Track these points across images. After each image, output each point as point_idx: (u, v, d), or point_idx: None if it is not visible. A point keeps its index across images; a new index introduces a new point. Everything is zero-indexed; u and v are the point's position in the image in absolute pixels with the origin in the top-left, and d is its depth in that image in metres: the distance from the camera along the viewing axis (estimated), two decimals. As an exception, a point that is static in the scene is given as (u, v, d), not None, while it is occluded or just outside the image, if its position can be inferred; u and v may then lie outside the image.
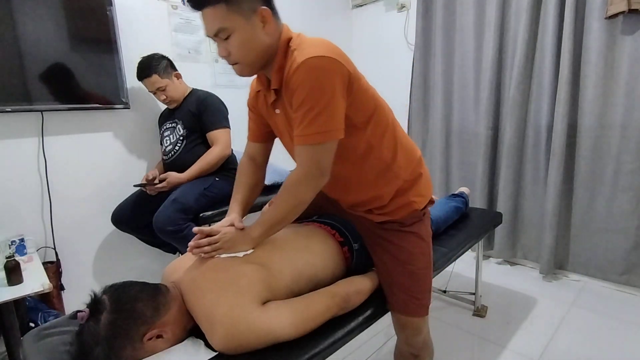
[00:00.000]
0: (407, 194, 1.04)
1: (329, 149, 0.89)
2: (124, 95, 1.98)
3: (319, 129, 0.85)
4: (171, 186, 1.85)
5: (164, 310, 0.84)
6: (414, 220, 1.06)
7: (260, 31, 0.88)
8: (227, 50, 0.88)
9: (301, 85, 0.83)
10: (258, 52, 0.89)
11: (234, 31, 0.85)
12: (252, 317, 0.82)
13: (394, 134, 1.01)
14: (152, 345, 0.81)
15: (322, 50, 0.83)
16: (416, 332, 1.09)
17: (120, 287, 0.84)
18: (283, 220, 0.97)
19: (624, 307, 1.86)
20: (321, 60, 0.82)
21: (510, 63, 2.23)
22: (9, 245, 1.59)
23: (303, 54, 0.84)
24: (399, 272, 1.05)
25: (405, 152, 1.04)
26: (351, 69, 0.88)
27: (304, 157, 0.90)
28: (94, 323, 0.78)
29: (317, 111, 0.84)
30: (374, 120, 0.95)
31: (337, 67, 0.84)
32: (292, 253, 1.01)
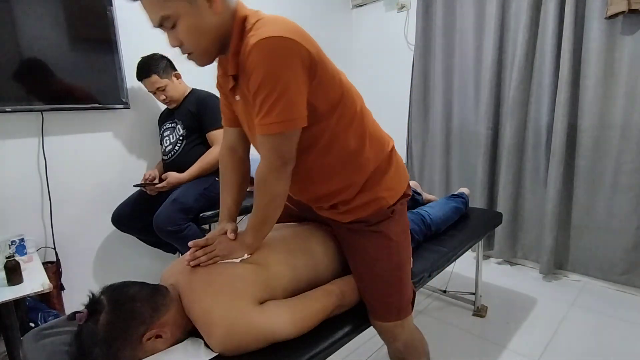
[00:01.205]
0: (375, 188, 0.97)
1: (291, 138, 0.83)
2: (124, 95, 1.98)
3: (278, 117, 0.78)
4: (171, 186, 1.85)
5: (162, 310, 0.83)
6: (380, 218, 0.98)
7: (208, 12, 0.79)
8: (178, 39, 0.81)
9: (256, 69, 0.75)
10: (210, 36, 0.81)
11: (178, 17, 0.77)
12: (250, 317, 0.82)
13: (362, 123, 0.94)
14: (151, 346, 0.81)
15: (279, 29, 0.75)
16: (392, 338, 1.03)
17: (118, 288, 0.84)
18: (266, 219, 0.93)
19: (624, 307, 1.86)
20: (278, 41, 0.74)
21: (510, 63, 2.23)
22: (9, 245, 1.58)
23: (258, 34, 0.75)
24: (367, 276, 1.00)
25: (375, 142, 0.97)
26: (313, 50, 0.79)
27: (265, 148, 0.84)
28: (93, 324, 0.77)
29: (274, 98, 0.76)
30: (340, 108, 0.88)
31: (296, 48, 0.75)
32: (290, 256, 1.00)
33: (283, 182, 0.88)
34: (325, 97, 0.85)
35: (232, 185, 1.08)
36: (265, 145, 0.84)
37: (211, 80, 2.60)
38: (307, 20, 2.85)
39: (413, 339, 1.08)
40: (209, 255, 0.92)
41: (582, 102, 1.99)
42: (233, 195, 1.08)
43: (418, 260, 1.32)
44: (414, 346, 1.08)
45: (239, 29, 0.82)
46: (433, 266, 1.33)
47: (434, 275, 1.36)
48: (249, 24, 0.82)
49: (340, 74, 0.90)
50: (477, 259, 1.88)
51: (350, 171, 0.94)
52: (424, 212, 1.55)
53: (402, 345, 1.04)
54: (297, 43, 0.75)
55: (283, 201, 0.92)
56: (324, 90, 0.84)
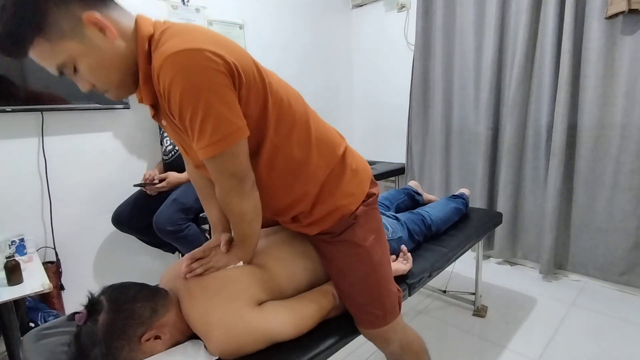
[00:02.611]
0: (332, 198, 0.91)
1: (237, 153, 0.75)
2: (124, 95, 1.98)
3: (213, 137, 0.70)
4: (171, 186, 1.85)
5: (162, 311, 0.83)
6: (344, 227, 0.93)
7: (103, 42, 0.70)
8: (87, 82, 0.73)
9: (170, 90, 0.67)
10: (118, 68, 0.73)
11: (75, 60, 0.69)
12: (248, 319, 0.82)
13: (306, 129, 0.87)
14: (150, 347, 0.81)
15: (184, 41, 0.67)
16: (385, 343, 1.00)
17: (117, 288, 0.84)
18: (247, 235, 0.90)
19: (624, 307, 1.86)
20: (185, 55, 0.65)
21: (510, 63, 2.23)
22: (9, 245, 1.59)
23: (162, 52, 0.67)
24: (342, 286, 0.96)
25: (323, 147, 0.90)
26: (231, 56, 0.70)
27: (212, 170, 0.78)
28: (92, 324, 0.77)
29: (201, 118, 0.68)
30: (274, 116, 0.80)
31: (208, 59, 0.67)
32: (288, 258, 0.99)
33: (246, 198, 0.82)
34: (254, 106, 0.77)
35: (211, 198, 1.03)
36: (212, 169, 0.78)
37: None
38: (307, 20, 2.86)
39: (407, 339, 1.04)
40: (205, 267, 0.91)
41: (582, 102, 1.99)
42: (216, 207, 1.04)
43: (418, 260, 1.32)
44: (411, 347, 1.04)
45: (144, 51, 0.73)
46: (433, 266, 1.33)
47: (434, 275, 1.36)
48: (154, 41, 0.72)
49: (271, 78, 0.82)
50: (477, 259, 1.88)
51: (300, 182, 0.88)
52: (424, 213, 1.55)
53: (397, 348, 1.01)
54: (207, 52, 0.67)
55: (256, 215, 0.87)
56: (253, 97, 0.76)
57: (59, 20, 0.66)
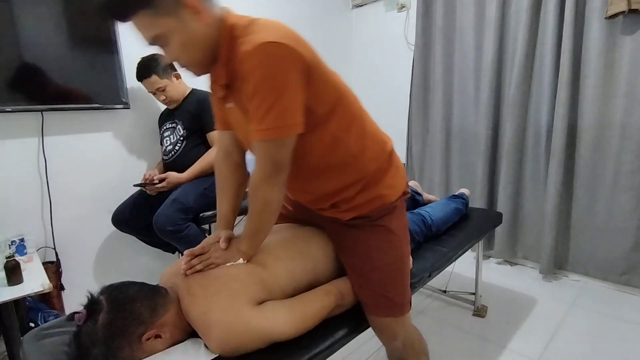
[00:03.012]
0: (376, 187, 0.98)
1: (286, 145, 0.82)
2: (124, 95, 1.98)
3: (272, 123, 0.77)
4: (171, 186, 1.85)
5: (162, 311, 0.83)
6: (382, 213, 0.99)
7: (196, 24, 0.79)
8: (172, 55, 0.82)
9: (251, 74, 0.75)
10: (201, 49, 0.82)
11: (169, 35, 0.78)
12: (248, 318, 0.82)
13: (362, 125, 0.95)
14: (151, 346, 0.81)
15: (273, 35, 0.75)
16: (392, 337, 1.01)
17: (117, 288, 0.84)
18: (261, 226, 0.93)
19: (624, 307, 1.86)
20: (272, 47, 0.73)
21: (510, 63, 2.23)
22: (9, 245, 1.59)
23: (252, 40, 0.75)
24: (368, 270, 0.98)
25: (375, 142, 0.98)
26: (309, 55, 0.79)
27: (259, 154, 0.84)
28: (92, 324, 0.77)
29: (269, 104, 0.76)
30: (338, 111, 0.89)
31: (291, 54, 0.75)
32: (289, 258, 0.99)
33: (277, 189, 0.87)
34: (322, 101, 0.85)
35: (228, 192, 1.07)
36: (259, 152, 0.83)
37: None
38: (307, 20, 2.86)
39: (412, 338, 1.07)
40: (205, 263, 0.92)
41: (582, 102, 1.99)
42: (229, 202, 1.07)
43: (418, 260, 1.32)
44: (413, 346, 1.07)
45: (227, 38, 0.82)
46: (433, 266, 1.33)
47: (434, 275, 1.36)
48: (238, 30, 0.81)
49: (336, 77, 0.90)
50: (477, 259, 1.88)
51: (352, 172, 0.95)
52: (424, 213, 1.55)
53: (401, 344, 1.03)
54: (292, 48, 0.75)
55: (277, 209, 0.91)
56: (321, 94, 0.84)
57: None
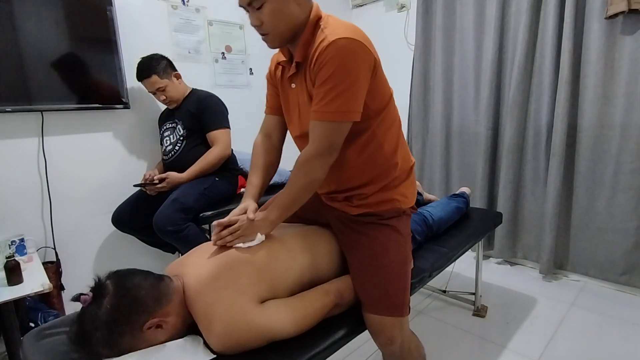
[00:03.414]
0: (392, 190, 1.04)
1: (343, 129, 0.91)
2: (124, 95, 1.98)
3: (339, 107, 0.87)
4: (171, 186, 1.85)
5: (165, 300, 0.84)
6: (392, 214, 1.05)
7: (292, 1, 0.90)
8: (260, 19, 0.90)
9: (329, 62, 0.85)
10: (289, 23, 0.91)
11: (267, 0, 0.87)
12: (251, 315, 0.83)
13: (398, 132, 1.05)
14: (151, 335, 0.81)
15: (352, 32, 0.86)
16: (389, 340, 0.99)
17: (124, 274, 0.85)
18: (297, 199, 0.98)
19: (624, 307, 1.86)
20: (351, 42, 0.85)
21: (510, 63, 2.23)
22: (9, 245, 1.59)
23: (334, 33, 0.86)
24: (371, 266, 1.00)
25: (403, 152, 1.07)
26: (376, 55, 0.91)
27: (318, 132, 0.91)
28: (96, 307, 0.78)
29: (339, 90, 0.86)
30: (386, 111, 0.99)
31: (365, 51, 0.87)
32: (297, 255, 1.00)
33: (324, 169, 0.94)
34: (377, 98, 0.95)
35: (262, 167, 1.14)
36: (318, 131, 0.91)
37: (211, 80, 2.59)
38: (307, 20, 2.86)
39: (410, 344, 1.05)
40: (235, 235, 0.95)
41: (582, 102, 1.99)
42: (260, 177, 1.14)
43: (418, 260, 1.32)
44: (410, 352, 1.05)
45: (312, 25, 0.93)
46: (433, 266, 1.33)
47: (434, 275, 1.36)
48: (323, 23, 0.93)
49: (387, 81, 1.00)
50: (477, 259, 1.88)
51: (378, 171, 1.02)
52: (425, 212, 1.55)
53: (398, 349, 1.01)
54: (366, 47, 0.87)
55: (316, 188, 0.98)
56: (378, 92, 0.94)
57: None
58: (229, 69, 2.50)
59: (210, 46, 2.39)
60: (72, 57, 1.81)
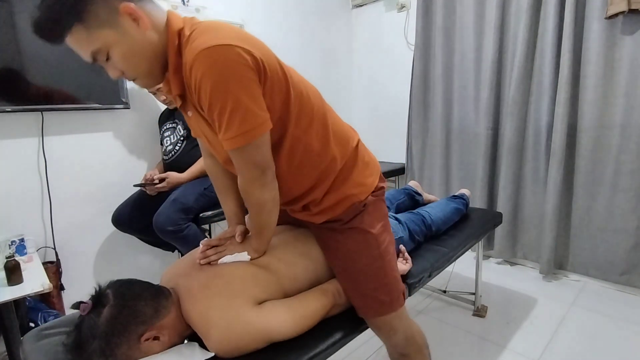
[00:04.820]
0: (343, 187, 0.95)
1: (261, 144, 0.79)
2: (124, 95, 1.98)
3: (239, 129, 0.74)
4: (171, 186, 1.85)
5: (164, 312, 0.84)
6: (353, 214, 0.97)
7: (136, 32, 0.74)
8: (117, 69, 0.77)
9: (202, 84, 0.71)
10: (147, 58, 0.77)
11: (109, 48, 0.73)
12: (248, 318, 0.82)
13: (324, 123, 0.92)
14: (148, 347, 0.81)
15: (215, 38, 0.71)
16: (391, 332, 1.00)
17: (124, 284, 0.84)
18: (264, 226, 0.92)
19: (624, 307, 1.86)
20: (217, 50, 0.69)
21: (510, 63, 2.23)
22: (9, 245, 1.59)
23: (194, 47, 0.71)
24: (351, 272, 0.97)
25: (339, 140, 0.95)
26: (256, 51, 0.74)
27: (237, 161, 0.81)
28: (95, 316, 0.78)
29: (229, 110, 0.72)
30: (296, 110, 0.85)
31: (237, 54, 0.70)
32: (291, 261, 0.99)
33: (267, 188, 0.85)
34: (277, 100, 0.81)
35: (227, 190, 1.07)
36: (236, 159, 0.81)
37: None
38: (307, 20, 2.86)
39: (412, 331, 1.05)
40: (219, 255, 0.93)
41: (582, 102, 1.99)
42: (232, 199, 1.07)
43: (418, 260, 1.32)
44: (414, 338, 1.05)
45: (174, 44, 0.77)
46: (433, 266, 1.33)
47: (434, 275, 1.36)
48: (184, 36, 0.77)
49: (292, 73, 0.86)
50: (477, 259, 1.88)
51: (318, 171, 0.92)
52: (424, 213, 1.55)
53: (402, 338, 1.02)
54: (237, 48, 0.70)
55: (274, 206, 0.90)
56: (276, 92, 0.80)
57: (98, 9, 0.70)
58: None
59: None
60: (72, 57, 1.80)
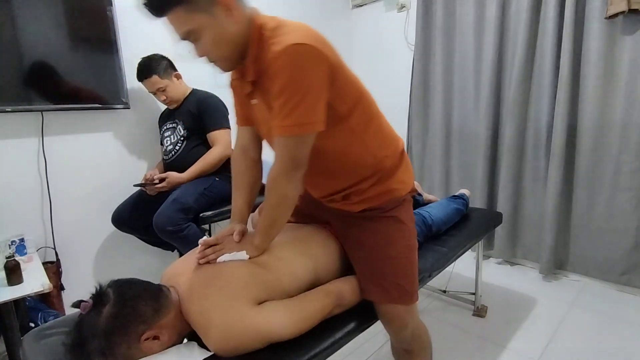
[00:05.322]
0: (388, 181, 1.02)
1: (306, 142, 0.86)
2: (124, 95, 1.98)
3: (296, 120, 0.81)
4: (171, 186, 1.85)
5: (164, 312, 0.84)
6: (394, 205, 1.04)
7: (227, 22, 0.83)
8: (202, 50, 0.86)
9: (280, 73, 0.79)
10: (232, 45, 0.86)
11: (201, 30, 0.82)
12: (247, 318, 0.82)
13: (379, 123, 1.01)
14: (148, 346, 0.81)
15: (302, 37, 0.79)
16: (402, 326, 1.03)
17: (125, 283, 0.85)
18: (276, 220, 0.95)
19: (624, 307, 1.86)
20: (301, 48, 0.78)
21: (510, 63, 2.23)
22: (9, 245, 1.59)
23: (283, 41, 0.79)
24: (378, 258, 1.01)
25: (390, 141, 1.04)
26: (333, 57, 0.84)
27: (280, 148, 0.88)
28: (95, 315, 0.78)
29: (295, 101, 0.80)
30: (358, 110, 0.94)
31: (319, 56, 0.80)
32: (291, 257, 0.99)
33: (293, 184, 0.90)
34: (344, 100, 0.90)
35: (244, 187, 1.11)
36: (280, 147, 0.87)
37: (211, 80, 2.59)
38: (307, 20, 2.84)
39: (419, 329, 1.09)
40: (218, 254, 0.94)
41: (582, 102, 1.99)
42: (244, 197, 1.11)
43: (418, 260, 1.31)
44: (420, 337, 1.09)
45: (256, 37, 0.87)
46: (433, 266, 1.33)
47: (434, 275, 1.36)
48: (267, 30, 0.85)
49: (356, 77, 0.95)
50: (477, 259, 1.88)
51: (368, 167, 1.00)
52: (424, 213, 1.55)
53: (410, 334, 1.05)
54: (320, 50, 0.80)
55: (292, 204, 0.95)
56: (343, 93, 0.89)
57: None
58: (229, 69, 2.50)
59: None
60: (72, 57, 1.81)
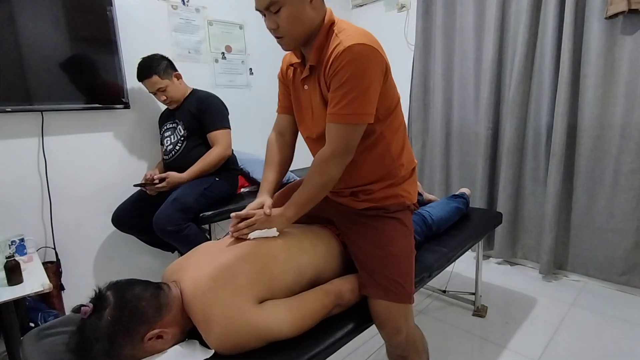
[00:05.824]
0: (397, 187, 1.09)
1: (359, 131, 0.96)
2: (124, 95, 1.98)
3: (354, 110, 0.91)
4: (171, 186, 1.85)
5: (165, 311, 0.84)
6: (398, 208, 1.09)
7: (308, 6, 0.93)
8: (277, 23, 0.93)
9: (345, 67, 0.89)
10: (304, 27, 0.95)
11: (284, 4, 0.90)
12: (249, 316, 0.83)
13: (404, 135, 1.10)
14: (152, 346, 0.81)
15: (366, 38, 0.90)
16: (396, 330, 1.02)
17: (124, 285, 0.84)
18: (313, 197, 1.02)
19: (624, 307, 1.86)
20: (365, 48, 0.89)
21: (510, 63, 2.23)
22: (9, 245, 1.59)
23: (349, 39, 0.90)
24: (379, 256, 1.03)
25: (408, 153, 1.12)
26: (387, 61, 0.95)
27: (335, 134, 0.96)
28: (97, 319, 0.78)
29: (355, 94, 0.90)
30: (394, 115, 1.03)
31: (378, 57, 0.91)
32: (296, 255, 1.00)
33: (340, 169, 0.99)
34: (386, 101, 0.99)
35: (277, 163, 1.19)
36: (335, 132, 0.96)
37: (211, 80, 2.58)
38: (307, 20, 2.86)
39: (415, 336, 1.09)
40: (251, 229, 1.00)
41: (582, 102, 1.99)
42: (276, 172, 1.18)
43: (418, 260, 1.31)
44: (415, 343, 1.08)
45: (326, 29, 0.97)
46: (433, 266, 1.33)
47: (434, 275, 1.36)
48: (337, 28, 0.96)
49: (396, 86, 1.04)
50: (477, 259, 1.88)
51: (385, 170, 1.07)
52: (425, 212, 1.55)
53: (404, 339, 1.04)
54: (379, 52, 0.92)
55: (331, 187, 1.03)
56: (387, 95, 0.99)
57: None
58: (229, 69, 2.50)
59: (210, 46, 2.39)
60: (72, 57, 1.81)
